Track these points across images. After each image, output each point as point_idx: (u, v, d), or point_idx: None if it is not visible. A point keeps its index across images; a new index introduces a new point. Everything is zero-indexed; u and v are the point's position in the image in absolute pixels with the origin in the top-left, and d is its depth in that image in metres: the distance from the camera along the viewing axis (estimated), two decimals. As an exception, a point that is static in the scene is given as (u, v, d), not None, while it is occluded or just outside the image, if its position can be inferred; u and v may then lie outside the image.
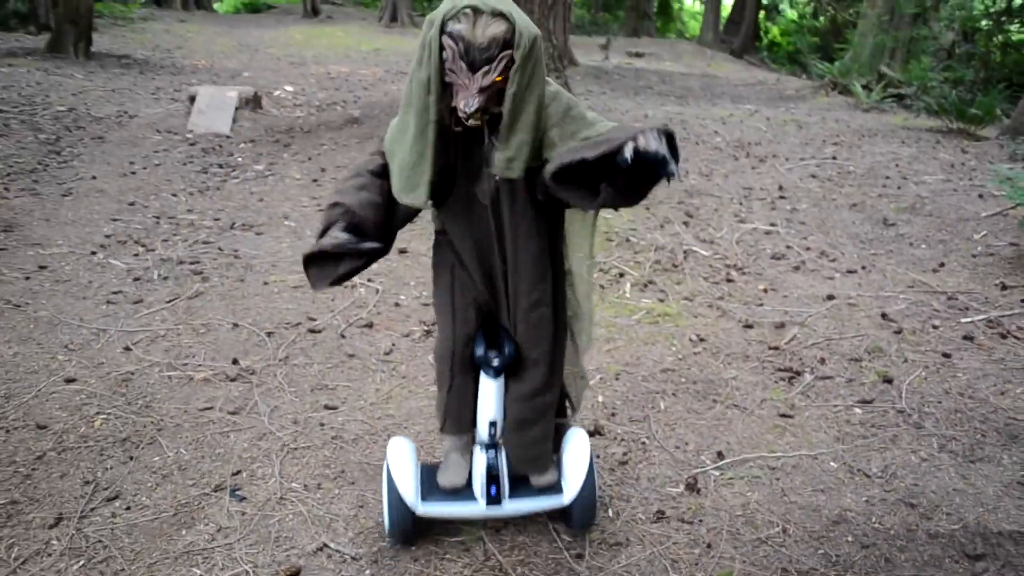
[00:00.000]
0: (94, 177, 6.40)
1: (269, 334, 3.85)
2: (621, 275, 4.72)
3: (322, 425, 3.08)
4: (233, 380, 3.42)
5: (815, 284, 4.70)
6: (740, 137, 9.08)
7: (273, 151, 7.46)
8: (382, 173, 2.18)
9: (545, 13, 9.31)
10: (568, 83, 10.25)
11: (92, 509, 2.57)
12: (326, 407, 3.22)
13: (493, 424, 2.35)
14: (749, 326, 4.09)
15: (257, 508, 2.59)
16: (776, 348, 3.84)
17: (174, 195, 6.08)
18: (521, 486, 2.41)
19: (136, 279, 4.45)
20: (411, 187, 2.06)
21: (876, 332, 4.02)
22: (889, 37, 14.59)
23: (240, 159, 7.18)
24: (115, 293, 4.26)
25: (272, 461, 2.84)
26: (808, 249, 5.30)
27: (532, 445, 2.40)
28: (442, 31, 1.93)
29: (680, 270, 4.84)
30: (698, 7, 31.65)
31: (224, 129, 8.08)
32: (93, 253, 4.82)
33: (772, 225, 5.80)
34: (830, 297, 4.46)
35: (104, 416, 3.10)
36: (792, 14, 28.11)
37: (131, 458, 2.84)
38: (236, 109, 8.47)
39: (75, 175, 6.44)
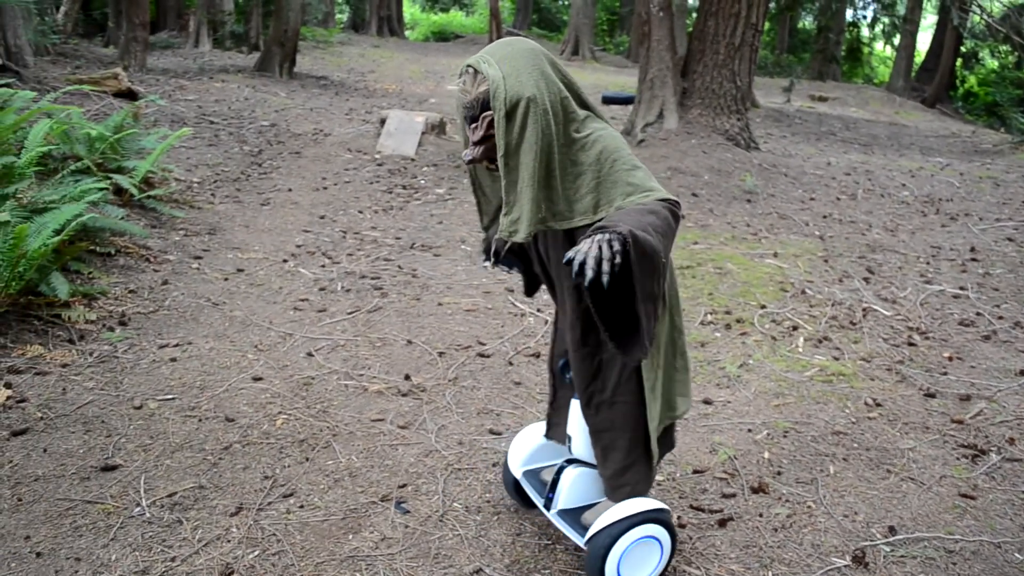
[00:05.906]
0: (290, 189, 6.86)
1: (440, 354, 3.99)
2: (794, 328, 4.58)
3: (485, 449, 3.16)
4: (404, 395, 3.56)
5: (1007, 357, 4.38)
6: (930, 192, 8.61)
7: (454, 176, 7.74)
8: None
9: (731, 54, 9.20)
10: (748, 125, 10.06)
11: (269, 503, 2.74)
12: (490, 431, 3.29)
13: (569, 438, 2.53)
14: (931, 395, 3.86)
15: (419, 523, 2.69)
16: (960, 422, 3.60)
17: (360, 212, 6.42)
18: (574, 512, 2.50)
19: (321, 289, 4.73)
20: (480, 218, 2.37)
21: (1076, 416, 3.70)
22: (1105, 94, 13.46)
23: (423, 182, 7.49)
24: (302, 300, 4.54)
25: (437, 479, 2.94)
26: (1001, 318, 4.95)
27: (600, 463, 2.40)
28: None
29: (858, 328, 4.64)
30: (889, 52, 30.32)
31: (410, 152, 8.45)
32: (285, 261, 5.17)
33: (961, 289, 5.45)
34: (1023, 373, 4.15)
35: (285, 416, 3.31)
36: (993, 63, 26.41)
37: (307, 459, 3.02)
38: (422, 134, 8.84)
39: (273, 186, 6.93)
